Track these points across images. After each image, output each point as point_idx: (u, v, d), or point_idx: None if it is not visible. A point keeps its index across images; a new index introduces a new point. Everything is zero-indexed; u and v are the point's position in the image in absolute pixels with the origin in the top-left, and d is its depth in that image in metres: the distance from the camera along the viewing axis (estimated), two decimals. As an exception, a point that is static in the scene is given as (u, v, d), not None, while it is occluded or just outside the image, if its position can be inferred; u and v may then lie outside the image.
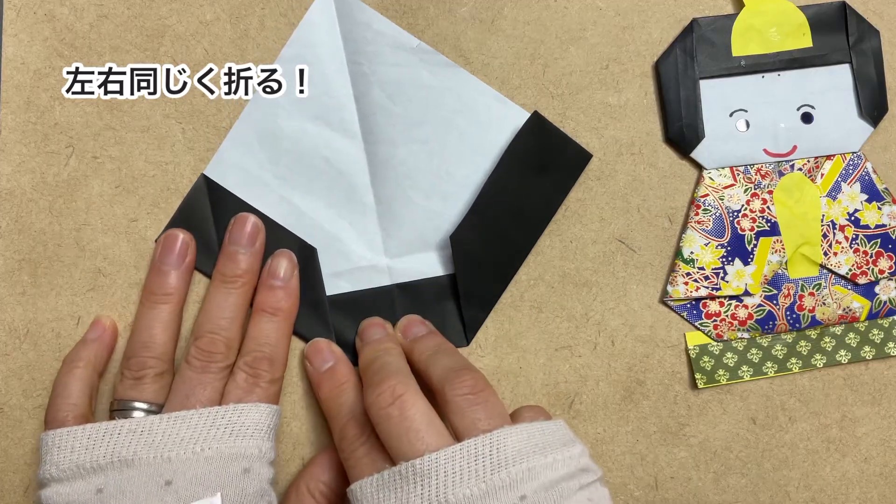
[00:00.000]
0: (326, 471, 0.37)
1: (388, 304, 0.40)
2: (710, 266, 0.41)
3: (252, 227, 0.39)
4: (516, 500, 0.30)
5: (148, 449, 0.33)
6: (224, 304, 0.37)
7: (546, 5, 0.42)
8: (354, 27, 0.41)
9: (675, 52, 0.42)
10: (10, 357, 0.39)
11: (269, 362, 0.37)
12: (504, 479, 0.30)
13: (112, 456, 0.33)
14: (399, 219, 0.41)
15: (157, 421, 0.34)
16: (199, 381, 0.36)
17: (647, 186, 0.42)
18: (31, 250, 0.39)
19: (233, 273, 0.38)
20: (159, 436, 0.34)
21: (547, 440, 0.32)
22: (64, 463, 0.33)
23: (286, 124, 0.40)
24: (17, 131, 0.40)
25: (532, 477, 0.31)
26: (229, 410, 0.35)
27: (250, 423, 0.35)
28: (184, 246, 0.39)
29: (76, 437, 0.34)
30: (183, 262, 0.38)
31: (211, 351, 0.36)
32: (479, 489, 0.30)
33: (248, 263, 0.38)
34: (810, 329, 0.42)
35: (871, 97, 0.43)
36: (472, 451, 0.31)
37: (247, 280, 0.38)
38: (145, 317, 0.38)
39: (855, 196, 0.43)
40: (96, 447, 0.33)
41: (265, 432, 0.35)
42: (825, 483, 0.42)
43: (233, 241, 0.39)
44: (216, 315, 0.37)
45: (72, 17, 0.40)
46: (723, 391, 0.42)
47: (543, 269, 0.41)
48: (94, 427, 0.34)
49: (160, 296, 0.38)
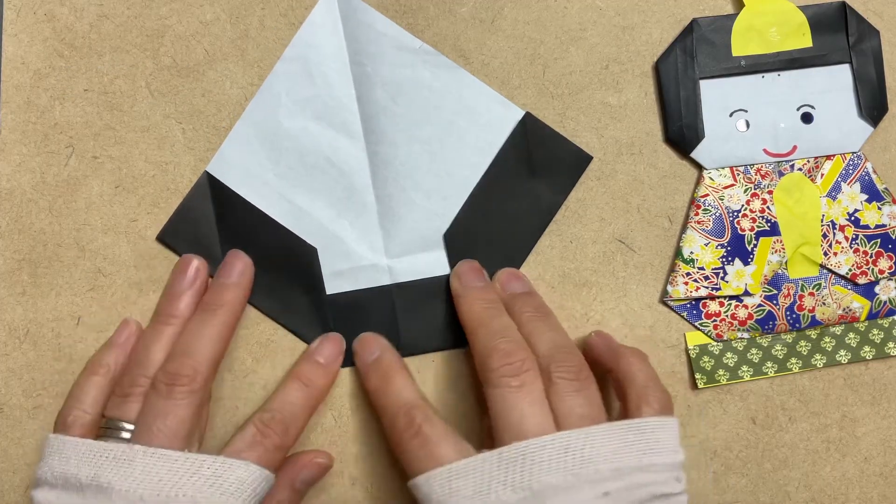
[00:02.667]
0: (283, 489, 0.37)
1: (388, 304, 0.40)
2: (710, 266, 0.41)
3: (241, 264, 0.38)
4: (600, 495, 0.30)
5: (124, 481, 0.32)
6: (200, 328, 0.36)
7: (546, 5, 0.42)
8: (357, 28, 0.41)
9: (675, 52, 0.42)
10: (10, 357, 0.39)
11: (283, 427, 0.36)
12: (591, 475, 0.31)
13: (93, 479, 0.32)
14: (400, 219, 0.41)
15: (140, 453, 0.33)
16: (162, 409, 0.34)
17: (647, 186, 0.42)
18: (31, 250, 0.39)
19: (214, 301, 0.37)
20: (138, 470, 0.32)
21: (648, 442, 0.32)
22: (57, 469, 0.33)
23: (288, 123, 0.40)
24: (17, 131, 0.40)
25: (619, 477, 0.31)
26: (217, 461, 0.33)
27: (234, 480, 0.33)
28: (196, 272, 0.38)
29: (72, 449, 0.34)
30: (192, 288, 0.38)
31: (177, 373, 0.35)
32: (564, 480, 0.31)
33: (231, 295, 0.38)
34: (810, 329, 0.42)
35: (871, 97, 0.43)
36: (565, 443, 0.31)
37: (228, 309, 0.37)
38: (147, 336, 0.37)
39: (855, 196, 0.43)
40: (83, 465, 0.33)
41: (248, 495, 0.33)
42: (825, 483, 0.42)
43: (221, 275, 0.38)
44: (190, 338, 0.36)
45: (72, 17, 0.40)
46: (723, 391, 0.42)
47: (543, 269, 0.41)
48: (88, 444, 0.34)
49: (165, 317, 0.37)
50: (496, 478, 0.31)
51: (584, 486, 0.31)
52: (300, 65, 0.41)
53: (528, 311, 0.37)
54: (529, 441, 0.31)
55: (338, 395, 0.40)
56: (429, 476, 0.32)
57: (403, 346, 0.40)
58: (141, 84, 0.40)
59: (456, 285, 0.39)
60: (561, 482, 0.31)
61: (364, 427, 0.40)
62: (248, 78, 0.40)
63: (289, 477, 0.37)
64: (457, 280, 0.39)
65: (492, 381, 0.34)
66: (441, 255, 0.41)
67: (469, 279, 0.39)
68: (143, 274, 0.40)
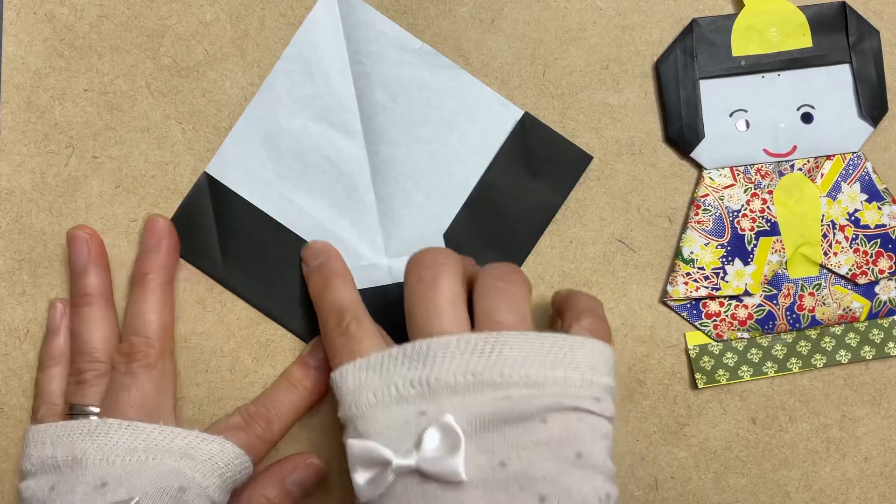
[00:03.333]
0: (271, 484, 0.37)
1: (388, 304, 0.40)
2: (710, 266, 0.41)
3: (159, 226, 0.38)
4: (500, 398, 0.30)
5: (97, 451, 0.33)
6: (138, 302, 0.37)
7: (546, 5, 0.42)
8: (357, 27, 0.41)
9: (675, 52, 0.42)
10: (10, 357, 0.39)
11: (267, 423, 0.37)
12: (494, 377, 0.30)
13: (68, 455, 0.33)
14: (400, 218, 0.41)
15: (115, 425, 0.34)
16: (125, 383, 0.35)
17: (647, 186, 0.42)
18: (31, 250, 0.39)
19: (141, 271, 0.38)
20: (113, 440, 0.33)
21: (571, 357, 0.31)
22: (35, 457, 0.34)
23: (288, 123, 0.40)
24: (17, 131, 0.40)
25: (525, 384, 0.30)
26: (191, 434, 0.34)
27: (206, 451, 0.34)
28: (86, 243, 0.38)
29: (46, 433, 0.34)
30: (91, 260, 0.38)
31: (130, 350, 0.36)
32: (464, 380, 0.30)
33: (156, 259, 0.38)
34: (810, 329, 0.42)
35: (871, 97, 0.43)
36: (472, 344, 0.31)
37: (158, 276, 0.38)
38: (75, 323, 0.38)
39: (855, 196, 0.43)
40: (59, 446, 0.34)
41: (218, 467, 0.34)
42: (825, 483, 0.42)
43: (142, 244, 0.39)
44: (131, 320, 0.37)
45: (72, 17, 0.40)
46: (723, 391, 0.42)
47: (543, 269, 0.41)
48: (61, 425, 0.34)
49: (79, 297, 0.38)
50: (398, 372, 0.31)
51: (486, 389, 0.30)
52: (300, 64, 0.41)
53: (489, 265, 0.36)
54: (434, 338, 0.31)
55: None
56: (344, 368, 0.33)
57: (403, 346, 0.40)
58: (141, 84, 0.40)
59: None
60: (461, 382, 0.30)
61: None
62: (248, 78, 0.40)
63: (279, 474, 0.37)
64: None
65: (407, 274, 0.34)
66: (441, 255, 0.41)
67: None
68: (143, 274, 0.40)
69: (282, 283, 0.40)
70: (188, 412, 0.39)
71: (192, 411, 0.39)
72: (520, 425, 0.30)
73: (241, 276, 0.40)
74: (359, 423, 0.31)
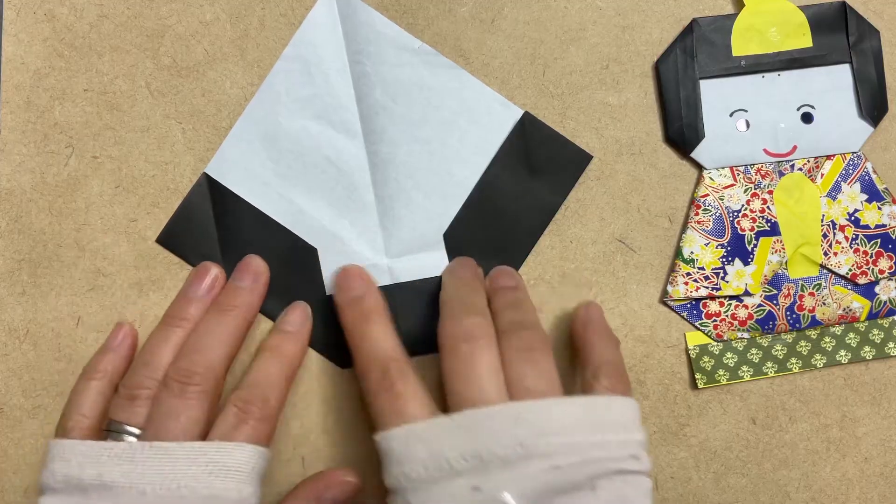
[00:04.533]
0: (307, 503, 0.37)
1: (389, 304, 0.40)
2: (710, 266, 0.41)
3: (257, 268, 0.39)
4: (549, 468, 0.30)
5: (127, 478, 0.32)
6: (214, 328, 0.36)
7: (546, 5, 0.42)
8: (357, 27, 0.41)
9: (675, 52, 0.42)
10: (10, 357, 0.39)
11: (263, 401, 0.35)
12: (542, 447, 0.31)
13: (97, 479, 0.32)
14: (400, 218, 0.41)
15: (139, 449, 0.33)
16: (174, 408, 0.34)
17: (647, 186, 0.42)
18: (31, 250, 0.39)
19: (228, 303, 0.37)
20: (139, 466, 0.32)
21: (605, 418, 0.32)
22: (59, 473, 0.33)
23: (288, 123, 0.40)
24: (17, 131, 0.40)
25: (570, 451, 0.31)
26: (212, 448, 0.33)
27: (232, 463, 0.33)
28: (213, 280, 0.38)
29: (73, 451, 0.34)
30: (208, 295, 0.38)
31: (190, 370, 0.34)
32: (514, 452, 0.30)
33: (245, 298, 0.38)
34: (810, 329, 0.42)
35: (871, 97, 0.43)
36: (515, 413, 0.31)
37: (242, 312, 0.37)
38: (155, 337, 0.37)
39: (855, 196, 0.43)
40: (86, 466, 0.33)
41: (248, 475, 0.33)
42: (825, 483, 0.42)
43: (235, 278, 0.38)
44: (203, 336, 0.36)
45: (72, 17, 0.40)
46: (723, 391, 0.42)
47: (543, 269, 0.41)
48: (88, 445, 0.34)
49: (176, 320, 0.37)
50: (448, 443, 0.31)
51: (534, 459, 0.30)
52: (300, 64, 0.41)
53: (506, 300, 0.37)
54: (481, 409, 0.31)
55: (338, 394, 0.40)
56: (390, 434, 0.32)
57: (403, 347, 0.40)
58: (141, 84, 0.40)
59: (444, 274, 0.40)
60: (510, 453, 0.30)
61: (364, 428, 0.40)
62: (248, 78, 0.40)
63: (315, 491, 0.37)
64: (446, 271, 0.40)
65: (444, 346, 0.34)
66: (441, 255, 0.41)
67: (457, 269, 0.39)
68: (143, 274, 0.40)
69: (281, 284, 0.40)
70: (188, 412, 0.39)
71: (192, 411, 0.39)
72: (571, 496, 0.30)
73: (241, 276, 0.40)
74: (411, 497, 0.31)
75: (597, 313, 0.39)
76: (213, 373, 0.35)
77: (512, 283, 0.38)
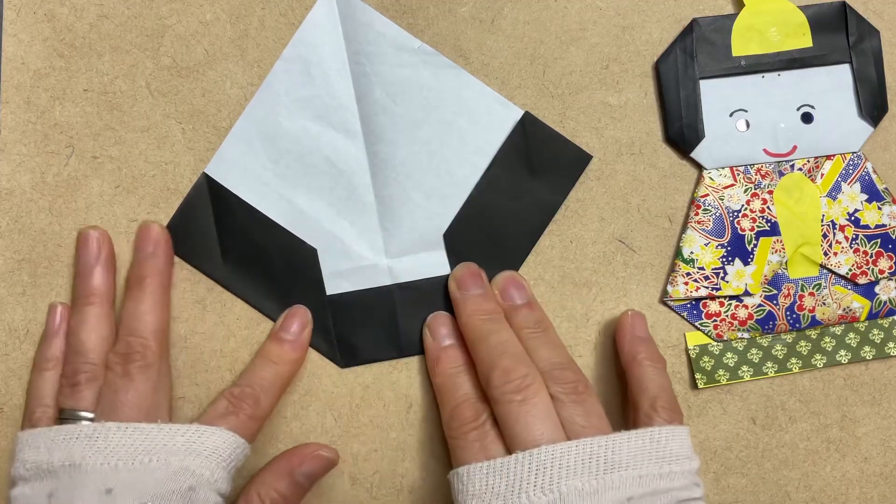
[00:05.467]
0: (280, 478, 0.37)
1: (389, 304, 0.40)
2: (710, 266, 0.41)
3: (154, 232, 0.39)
4: (623, 500, 0.32)
5: (97, 455, 0.33)
6: (137, 304, 0.37)
7: (546, 5, 0.42)
8: (357, 28, 0.41)
9: (675, 52, 0.42)
10: (10, 357, 0.39)
11: (255, 401, 0.37)
12: (615, 481, 0.32)
13: (65, 460, 0.33)
14: (400, 219, 0.41)
15: (113, 428, 0.33)
16: (122, 385, 0.35)
17: (647, 186, 0.42)
18: (31, 250, 0.39)
19: (140, 274, 0.38)
20: (112, 443, 0.33)
21: (665, 450, 0.34)
22: (29, 461, 0.34)
23: (287, 123, 0.40)
24: (17, 131, 0.40)
25: (641, 484, 0.32)
26: (191, 429, 0.34)
27: (209, 445, 0.34)
28: (97, 243, 0.38)
29: (40, 437, 0.34)
30: (100, 260, 0.38)
31: (127, 353, 0.36)
32: (590, 485, 0.32)
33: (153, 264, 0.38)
34: (810, 329, 0.42)
35: (871, 97, 0.43)
36: (588, 449, 0.33)
37: (156, 279, 0.38)
38: (74, 323, 0.37)
39: (855, 196, 0.43)
40: (55, 450, 0.33)
41: (223, 459, 0.34)
42: (825, 483, 0.42)
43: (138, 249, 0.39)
44: (127, 320, 0.37)
45: (72, 17, 0.40)
46: (723, 391, 0.42)
47: (543, 269, 0.41)
48: (56, 430, 0.34)
49: (84, 297, 0.38)
50: (527, 479, 0.32)
51: (608, 491, 0.32)
52: (300, 64, 0.41)
53: (529, 326, 0.38)
54: (555, 446, 0.32)
55: (338, 394, 0.40)
56: (470, 469, 0.33)
57: (403, 346, 0.40)
58: (141, 84, 0.40)
59: (454, 291, 0.39)
60: (587, 486, 0.32)
61: (364, 427, 0.40)
62: (248, 78, 0.40)
63: (288, 466, 0.37)
64: (455, 285, 0.40)
65: (496, 398, 0.35)
66: (441, 255, 0.41)
67: (467, 285, 0.39)
68: (143, 274, 0.40)
69: (281, 284, 0.40)
70: (188, 412, 0.39)
71: (192, 411, 0.39)
72: None
73: (240, 277, 0.40)
74: None
75: (643, 327, 0.40)
76: (150, 347, 0.36)
77: (525, 297, 0.39)
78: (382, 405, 0.40)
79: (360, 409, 0.40)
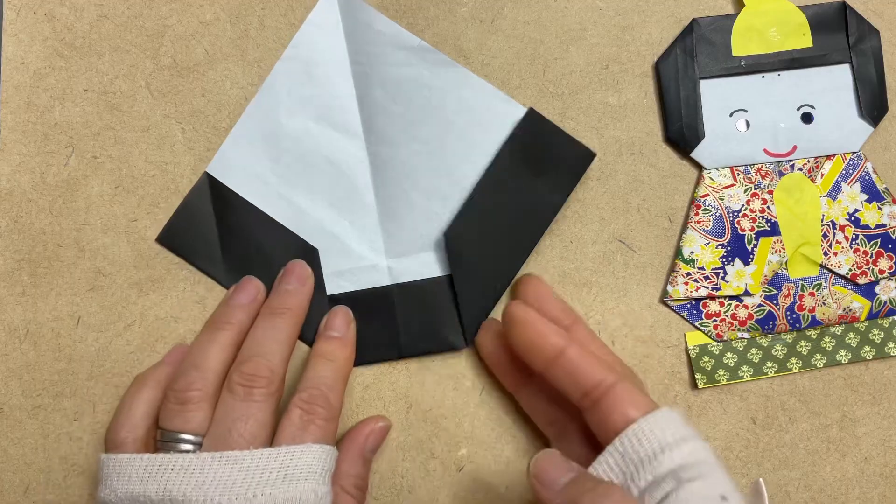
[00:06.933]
0: (354, 463, 0.37)
1: (388, 304, 0.40)
2: (710, 266, 0.41)
3: (303, 272, 0.39)
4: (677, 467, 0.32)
5: (197, 490, 0.31)
6: (270, 331, 0.36)
7: (546, 5, 0.42)
8: (357, 27, 0.41)
9: (675, 52, 0.42)
10: (10, 357, 0.39)
11: (325, 401, 0.35)
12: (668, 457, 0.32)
13: (163, 493, 0.32)
14: (400, 219, 0.41)
15: (208, 460, 0.32)
16: (242, 412, 0.33)
17: (647, 186, 0.42)
18: (31, 250, 0.39)
19: (279, 306, 0.37)
20: (210, 476, 0.32)
21: None
22: (121, 491, 0.32)
23: (288, 123, 0.40)
24: (17, 131, 0.40)
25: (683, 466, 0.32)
26: (282, 453, 0.32)
27: (304, 465, 0.33)
28: (256, 290, 0.38)
29: (133, 466, 0.33)
30: (251, 304, 0.38)
31: (254, 374, 0.34)
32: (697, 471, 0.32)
33: (296, 300, 0.38)
34: (810, 329, 0.42)
35: (871, 97, 0.43)
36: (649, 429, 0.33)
37: (293, 314, 0.37)
38: (201, 340, 0.36)
39: (855, 196, 0.43)
40: (149, 481, 0.32)
41: (320, 475, 0.33)
42: (825, 483, 0.42)
43: (282, 282, 0.39)
44: (261, 340, 0.36)
45: (72, 17, 0.40)
46: (723, 391, 0.42)
47: (543, 269, 0.41)
48: (149, 458, 0.33)
49: (221, 323, 0.37)
50: None
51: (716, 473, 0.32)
52: (300, 64, 0.41)
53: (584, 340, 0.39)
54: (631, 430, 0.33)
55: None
56: None
57: (403, 346, 0.40)
58: (141, 84, 0.40)
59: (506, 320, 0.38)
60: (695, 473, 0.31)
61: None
62: (248, 78, 0.40)
63: (358, 449, 0.37)
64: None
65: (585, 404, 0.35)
66: (441, 255, 0.41)
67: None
68: (143, 274, 0.40)
69: (282, 283, 0.40)
70: (188, 412, 0.39)
71: (192, 411, 0.39)
72: None
73: (241, 277, 0.40)
74: None
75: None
76: (277, 375, 0.35)
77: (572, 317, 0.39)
78: (382, 405, 0.40)
79: (360, 409, 0.40)
